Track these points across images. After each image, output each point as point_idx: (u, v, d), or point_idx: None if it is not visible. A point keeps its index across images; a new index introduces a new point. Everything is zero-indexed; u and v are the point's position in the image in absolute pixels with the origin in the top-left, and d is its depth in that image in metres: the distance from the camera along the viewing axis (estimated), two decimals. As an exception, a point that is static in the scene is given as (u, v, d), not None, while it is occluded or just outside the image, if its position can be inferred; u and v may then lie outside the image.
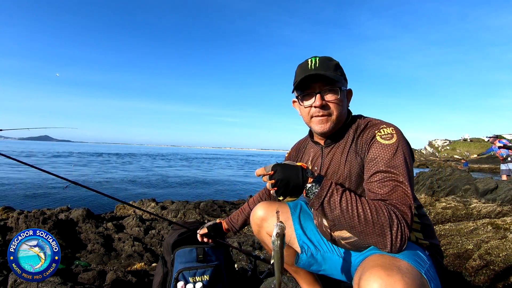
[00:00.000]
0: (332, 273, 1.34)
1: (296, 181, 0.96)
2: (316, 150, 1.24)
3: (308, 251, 1.31)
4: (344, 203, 0.93)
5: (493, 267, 2.35)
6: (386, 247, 0.89)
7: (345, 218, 0.93)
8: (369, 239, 0.91)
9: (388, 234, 0.88)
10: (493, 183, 4.83)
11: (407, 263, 0.88)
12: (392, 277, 0.78)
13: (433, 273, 0.95)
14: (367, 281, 0.80)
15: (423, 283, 0.83)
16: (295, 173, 0.97)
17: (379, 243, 0.90)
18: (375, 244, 0.92)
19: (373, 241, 0.91)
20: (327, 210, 0.95)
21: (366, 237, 0.92)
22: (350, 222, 0.92)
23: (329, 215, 0.96)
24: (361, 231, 0.92)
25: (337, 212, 0.94)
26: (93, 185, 10.94)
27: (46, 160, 27.84)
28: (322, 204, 0.95)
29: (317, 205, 0.96)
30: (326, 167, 1.17)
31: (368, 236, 0.91)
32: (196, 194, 10.33)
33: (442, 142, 50.12)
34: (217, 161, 41.26)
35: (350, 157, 1.11)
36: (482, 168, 24.19)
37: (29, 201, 8.21)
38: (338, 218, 0.94)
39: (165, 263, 1.63)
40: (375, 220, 0.89)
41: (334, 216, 0.95)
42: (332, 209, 0.95)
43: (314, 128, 1.18)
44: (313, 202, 0.96)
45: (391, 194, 0.94)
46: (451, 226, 3.18)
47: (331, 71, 1.10)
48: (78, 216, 3.65)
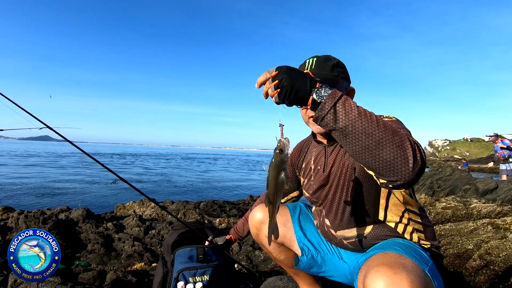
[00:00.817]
0: (332, 275, 1.34)
1: (303, 81, 0.84)
2: (319, 149, 1.24)
3: (308, 253, 1.31)
4: (361, 109, 0.82)
5: (493, 267, 2.35)
6: (407, 161, 0.76)
7: (362, 121, 0.79)
8: (387, 151, 0.78)
9: (408, 147, 0.77)
10: (493, 183, 4.83)
11: (412, 261, 0.87)
12: (398, 275, 0.78)
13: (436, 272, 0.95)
14: (373, 279, 0.80)
15: (427, 281, 0.83)
16: (303, 75, 0.85)
17: (399, 158, 0.76)
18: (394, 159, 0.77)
19: (392, 154, 0.77)
20: (341, 113, 0.81)
21: (385, 148, 0.78)
22: (368, 126, 0.79)
23: (342, 120, 0.80)
24: (380, 139, 0.78)
25: (354, 114, 0.80)
26: (94, 185, 10.96)
27: (49, 159, 27.88)
28: (335, 106, 0.81)
29: (329, 106, 0.81)
30: (330, 165, 1.17)
31: (387, 146, 0.78)
32: (196, 194, 10.34)
33: (442, 142, 50.11)
34: (217, 161, 41.28)
35: None
36: (482, 168, 24.19)
37: (29, 201, 8.22)
38: (354, 122, 0.80)
39: (165, 263, 1.63)
40: (394, 131, 0.79)
41: (348, 119, 0.80)
42: (347, 111, 0.81)
43: (312, 129, 1.19)
44: (324, 103, 0.81)
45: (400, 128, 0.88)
46: (451, 226, 3.18)
47: (327, 72, 1.10)
48: (78, 216, 3.65)
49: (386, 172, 0.78)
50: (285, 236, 1.33)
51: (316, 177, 1.22)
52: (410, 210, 1.11)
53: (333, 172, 1.15)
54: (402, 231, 1.10)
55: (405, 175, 0.76)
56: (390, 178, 0.78)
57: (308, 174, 1.28)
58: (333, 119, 0.81)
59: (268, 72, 0.86)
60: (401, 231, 1.10)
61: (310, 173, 1.27)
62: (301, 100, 0.84)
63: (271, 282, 1.73)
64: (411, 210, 1.12)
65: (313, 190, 1.24)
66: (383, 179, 0.81)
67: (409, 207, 1.11)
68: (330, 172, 1.16)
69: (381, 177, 0.81)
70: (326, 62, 1.12)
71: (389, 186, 0.81)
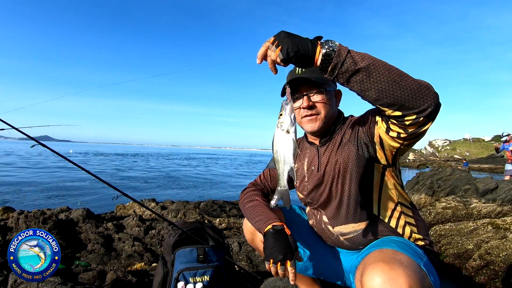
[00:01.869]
0: (328, 277, 1.35)
1: (302, 38, 0.84)
2: (312, 150, 1.26)
3: (304, 256, 1.31)
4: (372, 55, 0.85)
5: (493, 267, 2.35)
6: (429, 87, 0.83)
7: (378, 60, 0.83)
8: (410, 81, 0.82)
9: (425, 81, 0.84)
10: (493, 183, 4.83)
11: (407, 257, 0.89)
12: (395, 270, 0.79)
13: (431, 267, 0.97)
14: (370, 275, 0.81)
15: (423, 276, 0.85)
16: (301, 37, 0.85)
17: (422, 85, 0.82)
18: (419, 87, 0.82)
19: (415, 84, 0.82)
20: (357, 56, 0.82)
21: (407, 78, 0.82)
22: (385, 63, 0.83)
23: (361, 61, 0.82)
24: (399, 72, 0.83)
25: (368, 55, 0.84)
26: (95, 186, 10.95)
27: (52, 160, 27.87)
28: (349, 51, 0.82)
29: (345, 51, 0.82)
30: (324, 165, 1.19)
31: (407, 77, 0.82)
32: (196, 194, 10.34)
33: (442, 142, 50.13)
34: (217, 161, 41.29)
35: (346, 147, 1.13)
36: (482, 168, 24.22)
37: (30, 201, 8.22)
38: (373, 60, 0.82)
39: (166, 263, 1.63)
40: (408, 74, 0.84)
41: (367, 60, 0.82)
42: (361, 54, 0.83)
43: (305, 128, 1.21)
44: (339, 50, 0.82)
45: None
46: (451, 226, 3.18)
47: (317, 74, 1.13)
48: (78, 216, 3.65)
49: (417, 101, 0.81)
50: None
51: (311, 177, 1.23)
52: (402, 204, 1.15)
53: (328, 171, 1.17)
54: (395, 225, 1.13)
55: (432, 99, 0.81)
56: (422, 107, 0.82)
57: (301, 176, 1.28)
58: (353, 62, 0.81)
59: (267, 41, 0.86)
60: (394, 225, 1.13)
61: (303, 174, 1.27)
62: (307, 56, 0.83)
63: (271, 282, 1.73)
64: (403, 204, 1.15)
65: (308, 191, 1.25)
66: (412, 114, 0.83)
67: (401, 200, 1.14)
68: (324, 171, 1.18)
69: (411, 112, 0.83)
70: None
71: (420, 120, 0.83)
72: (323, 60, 0.83)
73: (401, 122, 0.87)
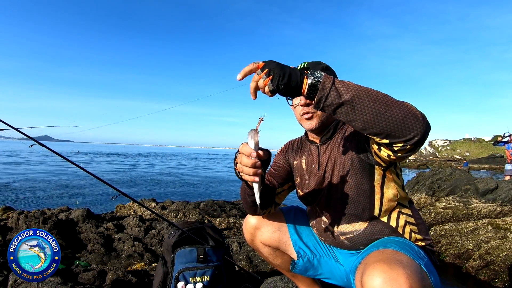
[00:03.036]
0: (328, 277, 1.35)
1: (292, 69, 0.84)
2: (312, 149, 1.26)
3: (304, 256, 1.31)
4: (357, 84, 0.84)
5: (493, 267, 2.35)
6: (417, 116, 0.80)
7: (363, 90, 0.82)
8: (396, 111, 0.80)
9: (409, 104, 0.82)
10: (493, 183, 4.82)
11: (408, 257, 0.89)
12: (395, 270, 0.79)
13: (432, 267, 0.97)
14: (370, 275, 0.81)
15: (424, 276, 0.85)
16: (290, 68, 0.85)
17: (409, 115, 0.80)
18: (405, 117, 0.80)
19: (401, 113, 0.80)
20: (342, 88, 0.81)
21: (393, 108, 0.81)
22: (371, 93, 0.82)
23: (345, 93, 0.81)
24: (385, 101, 0.81)
25: (353, 85, 0.82)
26: (95, 186, 10.96)
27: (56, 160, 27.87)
28: (334, 83, 0.82)
29: (329, 83, 0.81)
30: (324, 163, 1.19)
31: (394, 107, 0.81)
32: (196, 194, 10.34)
33: (442, 142, 50.11)
34: (217, 161, 41.28)
35: (346, 147, 1.13)
36: (482, 168, 24.21)
37: (30, 201, 8.22)
38: (357, 92, 0.81)
39: (165, 263, 1.63)
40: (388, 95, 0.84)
41: (352, 91, 0.81)
42: (346, 85, 0.82)
43: (304, 126, 1.21)
44: (324, 83, 0.81)
45: None
46: (451, 226, 3.18)
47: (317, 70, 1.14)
48: (78, 216, 3.65)
49: (403, 131, 0.81)
50: (280, 241, 1.33)
51: (311, 176, 1.23)
52: (402, 204, 1.15)
53: (328, 170, 1.17)
54: (396, 225, 1.13)
55: (419, 127, 0.80)
56: (407, 136, 0.81)
57: (301, 173, 1.28)
58: (337, 95, 0.81)
59: (255, 62, 0.83)
60: (395, 225, 1.13)
61: (303, 172, 1.27)
62: (294, 87, 0.83)
63: (271, 282, 1.73)
64: (403, 204, 1.15)
65: (310, 189, 1.25)
66: (400, 142, 0.83)
67: (401, 200, 1.15)
68: (325, 170, 1.18)
69: (398, 140, 0.83)
70: (317, 65, 1.18)
71: (407, 147, 0.83)
72: (309, 91, 0.83)
73: (389, 147, 0.89)
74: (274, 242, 1.33)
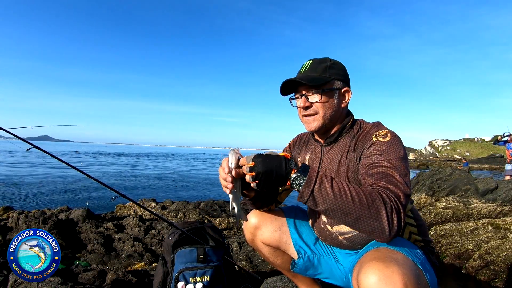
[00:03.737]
0: (328, 277, 1.35)
1: (279, 171, 0.91)
2: (316, 147, 1.27)
3: (305, 256, 1.31)
4: (336, 188, 0.88)
5: (493, 267, 2.35)
6: (384, 231, 0.85)
7: (339, 203, 0.87)
8: (365, 225, 0.86)
9: (384, 216, 0.84)
10: (493, 183, 4.82)
11: (403, 255, 0.91)
12: (390, 268, 0.80)
13: (428, 265, 0.98)
14: (366, 274, 0.82)
15: (419, 274, 0.86)
16: (278, 164, 0.92)
17: (376, 230, 0.85)
18: (372, 231, 0.86)
19: (370, 227, 0.86)
20: (319, 199, 0.89)
21: (363, 223, 0.86)
22: (345, 207, 0.86)
23: (321, 204, 0.89)
24: (357, 216, 0.86)
25: (330, 198, 0.87)
26: (95, 186, 10.95)
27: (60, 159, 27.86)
28: (312, 193, 0.89)
29: (307, 195, 0.89)
30: (326, 165, 1.19)
31: (364, 221, 0.86)
32: (196, 194, 10.33)
33: (442, 142, 50.09)
34: (217, 161, 41.26)
35: (349, 156, 1.13)
36: (482, 168, 24.21)
37: (30, 200, 8.22)
38: (332, 205, 0.87)
39: (165, 263, 1.63)
40: (370, 203, 0.85)
41: (327, 204, 0.88)
42: (324, 196, 0.88)
43: (305, 127, 1.22)
44: (302, 192, 0.90)
45: (384, 180, 0.93)
46: (451, 226, 3.18)
47: (319, 73, 1.13)
48: (78, 216, 3.65)
49: (372, 237, 0.90)
50: (280, 240, 1.33)
51: None
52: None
53: (328, 172, 1.18)
54: None
55: (383, 239, 0.86)
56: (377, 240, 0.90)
57: None
58: (313, 204, 0.91)
59: (245, 159, 0.96)
60: None
61: None
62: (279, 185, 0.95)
63: (271, 282, 1.73)
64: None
65: None
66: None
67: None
68: (325, 171, 1.19)
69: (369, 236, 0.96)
70: (321, 64, 1.16)
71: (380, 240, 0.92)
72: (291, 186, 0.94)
73: None
74: (275, 242, 1.33)
